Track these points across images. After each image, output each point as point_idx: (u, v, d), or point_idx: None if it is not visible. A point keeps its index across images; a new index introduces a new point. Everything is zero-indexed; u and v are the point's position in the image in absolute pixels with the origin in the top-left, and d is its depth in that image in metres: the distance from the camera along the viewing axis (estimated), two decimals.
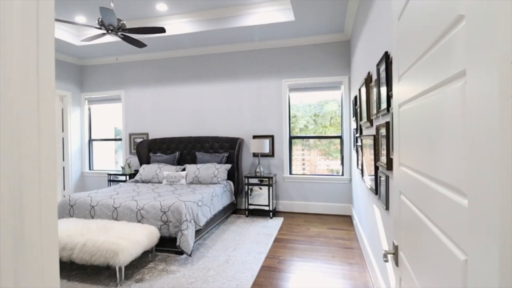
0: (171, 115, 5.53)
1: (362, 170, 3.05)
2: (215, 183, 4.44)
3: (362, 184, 3.17)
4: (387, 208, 1.93)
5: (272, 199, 4.55)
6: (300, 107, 5.13)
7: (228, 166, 4.71)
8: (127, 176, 5.35)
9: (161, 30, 3.24)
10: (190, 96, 5.41)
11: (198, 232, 3.32)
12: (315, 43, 4.76)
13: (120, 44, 4.95)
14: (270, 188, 4.51)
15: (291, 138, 5.02)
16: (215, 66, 5.27)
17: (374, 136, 2.25)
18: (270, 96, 5.00)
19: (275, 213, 4.78)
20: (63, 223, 3.08)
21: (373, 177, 2.33)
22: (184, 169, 4.89)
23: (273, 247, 3.36)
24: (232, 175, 4.81)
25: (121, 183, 4.68)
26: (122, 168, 5.55)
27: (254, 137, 5.05)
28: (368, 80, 2.56)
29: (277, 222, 4.31)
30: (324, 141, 5.02)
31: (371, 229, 2.68)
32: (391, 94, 1.71)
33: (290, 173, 4.98)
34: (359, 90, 3.07)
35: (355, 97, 3.69)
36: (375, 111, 2.30)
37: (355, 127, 3.85)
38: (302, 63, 4.85)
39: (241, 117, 5.14)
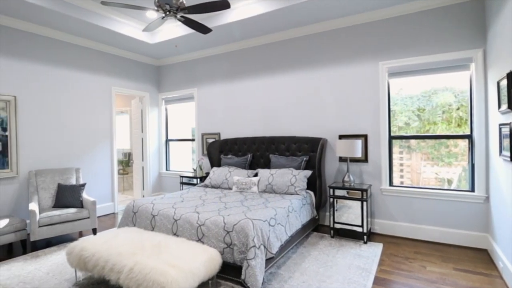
0: (242, 113, 4.96)
1: None
2: (292, 193, 3.64)
3: None
4: None
5: (367, 218, 3.50)
6: (398, 100, 3.90)
7: (308, 172, 3.84)
8: (198, 179, 5.01)
9: (225, 4, 2.61)
10: (262, 91, 4.73)
11: (270, 259, 2.57)
12: (426, 8, 3.49)
13: (190, 38, 4.59)
14: (364, 203, 3.47)
15: (391, 138, 3.85)
16: (289, 54, 4.45)
17: None
18: (361, 84, 3.93)
19: (369, 235, 3.70)
20: (121, 234, 2.72)
21: None
22: (256, 174, 4.23)
23: None
24: (313, 184, 3.92)
25: (190, 188, 4.30)
26: (194, 170, 5.25)
27: (341, 137, 4.05)
28: None
29: (375, 249, 3.25)
30: (430, 141, 3.71)
31: None
32: None
33: (391, 184, 3.81)
34: None
35: (509, 75, 2.39)
36: None
37: (502, 121, 2.53)
38: (407, 38, 3.63)
39: (324, 113, 4.20)
